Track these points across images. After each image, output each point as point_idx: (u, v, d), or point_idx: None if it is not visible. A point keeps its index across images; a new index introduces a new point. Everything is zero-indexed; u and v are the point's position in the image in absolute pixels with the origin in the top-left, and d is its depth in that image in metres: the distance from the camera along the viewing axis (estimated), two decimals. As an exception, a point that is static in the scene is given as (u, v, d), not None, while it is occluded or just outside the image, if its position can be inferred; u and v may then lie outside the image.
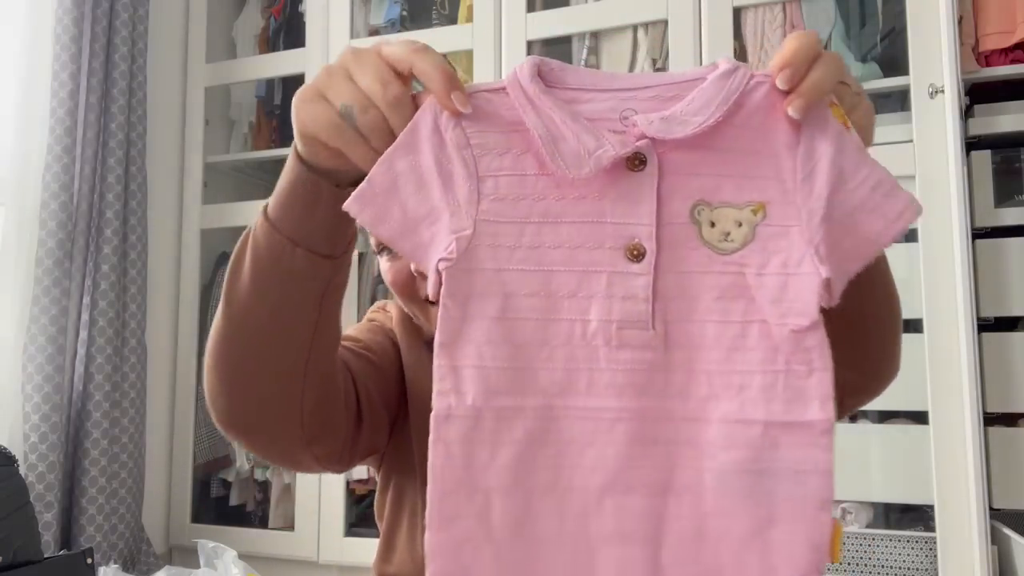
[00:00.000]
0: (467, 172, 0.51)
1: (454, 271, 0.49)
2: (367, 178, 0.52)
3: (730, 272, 0.50)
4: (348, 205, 0.52)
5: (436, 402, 0.49)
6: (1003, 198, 1.71)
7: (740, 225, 0.50)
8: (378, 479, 0.86)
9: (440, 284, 0.50)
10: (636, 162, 0.50)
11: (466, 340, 0.50)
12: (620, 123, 0.51)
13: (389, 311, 0.90)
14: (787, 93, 0.50)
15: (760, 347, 0.49)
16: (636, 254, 0.50)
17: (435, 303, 0.55)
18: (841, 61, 0.52)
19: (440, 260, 0.50)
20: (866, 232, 0.50)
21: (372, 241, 0.78)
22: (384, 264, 0.78)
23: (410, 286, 0.77)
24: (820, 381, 0.49)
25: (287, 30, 2.46)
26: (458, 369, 0.49)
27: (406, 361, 0.81)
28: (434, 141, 0.51)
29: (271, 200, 0.59)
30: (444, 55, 0.71)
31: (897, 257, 1.78)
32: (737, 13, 1.90)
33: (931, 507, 1.66)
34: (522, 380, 0.49)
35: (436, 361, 0.49)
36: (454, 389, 0.49)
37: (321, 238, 0.58)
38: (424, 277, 0.67)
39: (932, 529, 1.65)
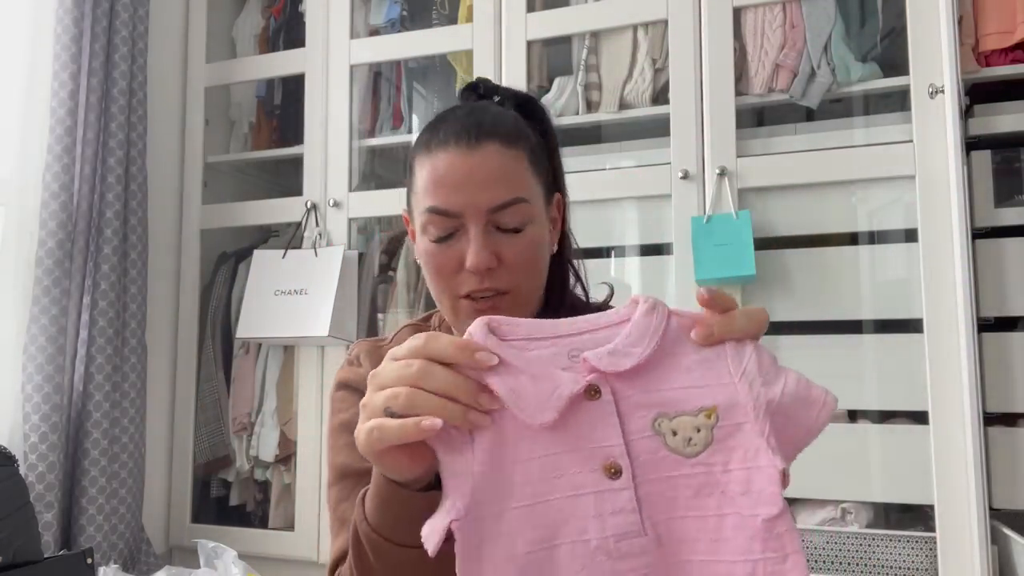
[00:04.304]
0: (463, 439, 0.58)
1: (464, 524, 0.55)
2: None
3: (699, 472, 0.56)
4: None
5: None
6: (1003, 198, 1.71)
7: (699, 430, 0.56)
8: None
9: (450, 541, 0.55)
10: (592, 392, 0.57)
11: None
12: (569, 360, 0.58)
13: (363, 365, 0.87)
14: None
15: (738, 537, 0.55)
16: (614, 472, 0.56)
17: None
18: (763, 322, 0.58)
19: (452, 522, 0.55)
20: (802, 421, 0.57)
21: (426, 220, 0.78)
22: (432, 248, 0.78)
23: (456, 274, 0.78)
24: (795, 563, 0.55)
25: (287, 30, 2.46)
26: None
27: None
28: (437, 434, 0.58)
29: (368, 503, 0.65)
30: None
31: (897, 257, 1.80)
32: (737, 13, 1.90)
33: (931, 507, 1.66)
34: None
35: None
36: None
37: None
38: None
39: (932, 529, 1.65)
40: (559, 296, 0.86)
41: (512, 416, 0.57)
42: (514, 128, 0.79)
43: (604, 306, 0.91)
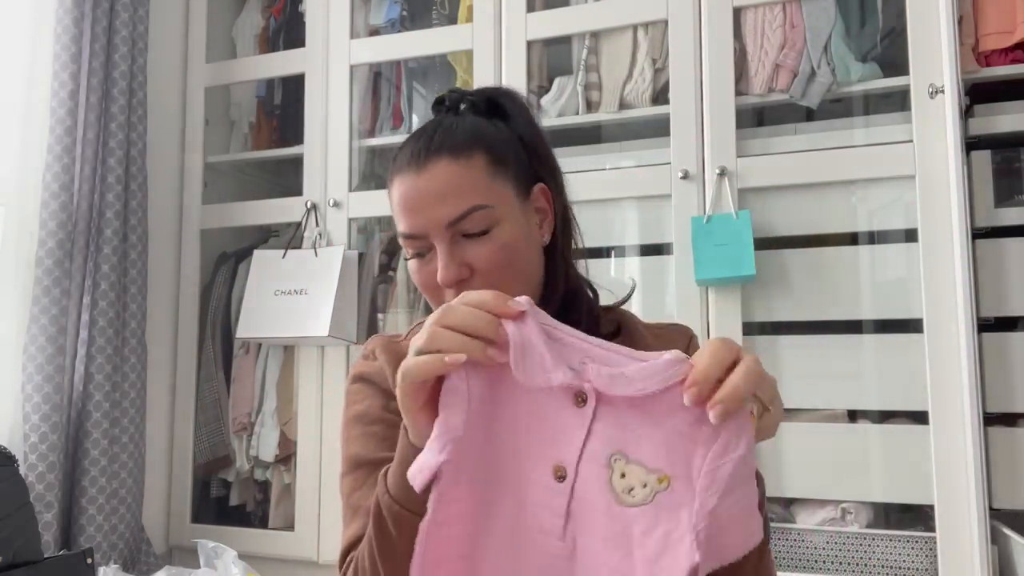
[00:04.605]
0: (462, 390, 0.60)
1: (449, 466, 0.57)
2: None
3: (619, 523, 0.57)
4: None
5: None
6: (1003, 198, 1.71)
7: (644, 486, 0.57)
8: None
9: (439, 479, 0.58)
10: (580, 399, 0.59)
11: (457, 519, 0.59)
12: (579, 364, 0.60)
13: (377, 359, 0.89)
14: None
15: None
16: (560, 476, 0.59)
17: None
18: (759, 367, 0.57)
19: (444, 462, 0.58)
20: (732, 540, 0.56)
21: (401, 242, 0.83)
22: (413, 265, 0.82)
23: (439, 289, 0.81)
24: None
25: (287, 30, 2.46)
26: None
27: None
28: (443, 386, 0.60)
29: (391, 477, 0.67)
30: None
31: (897, 257, 1.80)
32: (737, 13, 1.90)
33: (931, 507, 1.66)
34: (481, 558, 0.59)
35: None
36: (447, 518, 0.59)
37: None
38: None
39: (932, 529, 1.65)
40: (552, 285, 0.85)
41: (507, 389, 0.60)
42: (466, 138, 0.81)
43: (621, 304, 0.91)
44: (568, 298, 0.86)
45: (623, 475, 0.58)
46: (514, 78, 2.03)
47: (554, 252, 0.86)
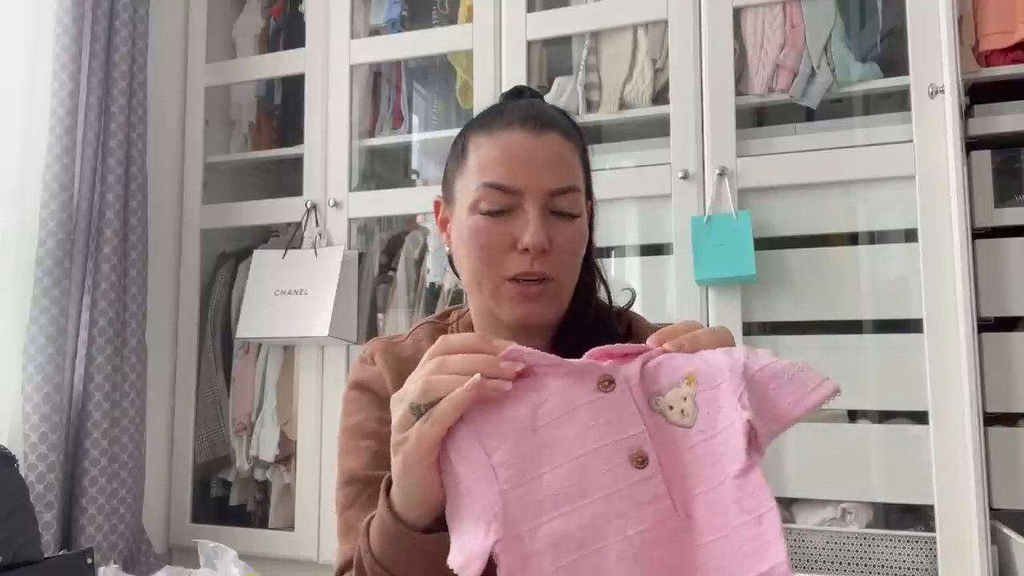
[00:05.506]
0: (481, 458, 0.57)
1: (506, 544, 0.54)
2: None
3: (698, 441, 0.57)
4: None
5: None
6: (1003, 198, 1.71)
7: (686, 399, 0.58)
8: None
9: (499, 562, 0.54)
10: (606, 383, 0.59)
11: None
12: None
13: (376, 364, 0.87)
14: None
15: (730, 504, 0.54)
16: (640, 461, 0.57)
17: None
18: (727, 338, 0.62)
19: (495, 543, 0.54)
20: (788, 396, 0.57)
21: (481, 194, 0.78)
22: (483, 222, 0.78)
23: (504, 251, 0.78)
24: (770, 522, 0.52)
25: (287, 30, 2.46)
26: None
27: None
28: (452, 455, 0.58)
29: (372, 535, 0.65)
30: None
31: (897, 257, 1.79)
32: (737, 13, 1.90)
33: (931, 507, 1.66)
34: None
35: None
36: None
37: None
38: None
39: (932, 529, 1.65)
40: (585, 298, 0.86)
41: (530, 431, 0.57)
42: (571, 125, 0.84)
43: (626, 311, 0.93)
44: (595, 308, 0.88)
45: (671, 407, 0.58)
46: (514, 78, 2.02)
47: (588, 267, 0.87)
